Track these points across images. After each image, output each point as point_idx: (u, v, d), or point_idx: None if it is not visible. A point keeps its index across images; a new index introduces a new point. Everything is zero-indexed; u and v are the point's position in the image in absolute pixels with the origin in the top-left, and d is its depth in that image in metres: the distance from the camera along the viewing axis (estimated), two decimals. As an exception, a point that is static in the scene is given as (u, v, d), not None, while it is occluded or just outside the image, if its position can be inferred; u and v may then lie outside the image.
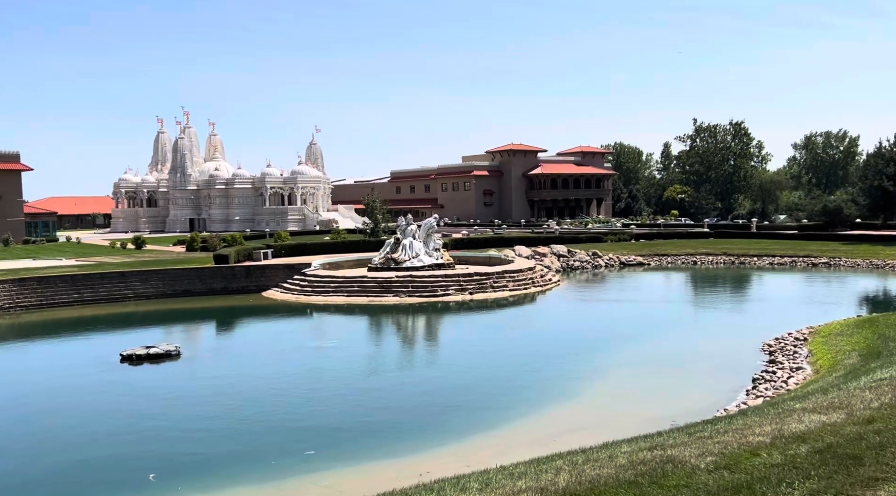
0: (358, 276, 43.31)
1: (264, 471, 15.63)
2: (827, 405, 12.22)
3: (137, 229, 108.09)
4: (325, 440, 17.43)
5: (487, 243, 58.68)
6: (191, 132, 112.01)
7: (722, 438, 10.13)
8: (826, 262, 54.49)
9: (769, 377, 22.32)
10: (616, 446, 10.69)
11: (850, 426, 9.98)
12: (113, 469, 15.94)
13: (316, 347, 28.82)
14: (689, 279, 52.39)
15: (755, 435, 10.09)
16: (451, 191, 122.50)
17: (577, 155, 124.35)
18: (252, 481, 15.19)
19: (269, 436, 17.70)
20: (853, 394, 13.15)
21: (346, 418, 19.09)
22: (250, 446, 17.10)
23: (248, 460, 16.27)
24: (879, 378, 14.77)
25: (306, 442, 17.17)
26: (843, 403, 12.16)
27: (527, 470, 9.46)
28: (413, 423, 18.70)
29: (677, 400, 21.08)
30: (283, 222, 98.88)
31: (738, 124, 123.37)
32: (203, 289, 43.46)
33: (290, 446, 16.97)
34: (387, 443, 17.09)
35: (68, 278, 39.93)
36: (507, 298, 42.12)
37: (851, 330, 24.95)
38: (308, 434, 17.82)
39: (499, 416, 19.63)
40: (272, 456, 16.42)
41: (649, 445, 10.27)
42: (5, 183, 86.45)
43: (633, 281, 51.20)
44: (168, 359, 26.32)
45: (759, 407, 13.50)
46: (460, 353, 28.11)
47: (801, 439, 9.44)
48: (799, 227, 72.03)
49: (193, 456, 16.46)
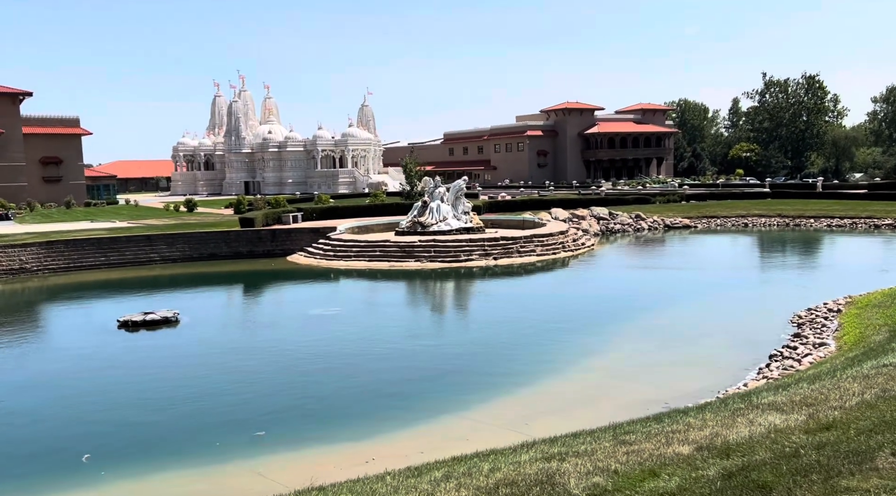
0: (381, 241, 42.17)
1: (205, 453, 14.68)
2: (799, 400, 10.31)
3: (196, 192, 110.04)
4: (283, 419, 16.36)
5: (525, 206, 56.50)
6: (246, 95, 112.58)
7: (640, 446, 8.44)
8: (890, 224, 50.19)
9: (788, 353, 20.15)
10: (520, 451, 9.12)
11: (800, 434, 8.13)
12: (42, 448, 15.23)
13: (317, 315, 27.86)
14: (734, 243, 49.24)
15: (681, 443, 8.36)
16: (504, 152, 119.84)
17: (637, 113, 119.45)
18: (188, 464, 14.25)
19: (225, 413, 16.77)
20: (840, 384, 11.15)
21: (311, 396, 17.95)
22: (200, 423, 16.23)
23: (191, 440, 15.37)
24: (885, 363, 12.62)
25: (260, 421, 16.14)
26: (817, 398, 10.23)
27: (399, 484, 8.05)
28: (376, 404, 17.43)
29: (679, 379, 19.22)
30: (334, 185, 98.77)
31: (812, 77, 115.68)
32: (228, 253, 43.19)
33: (244, 425, 15.97)
34: (340, 426, 15.88)
35: (95, 241, 40.21)
36: (534, 264, 40.32)
37: (891, 301, 22.30)
38: (266, 412, 16.79)
39: (477, 396, 18.18)
40: (220, 435, 15.46)
41: (554, 451, 8.69)
42: (66, 147, 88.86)
43: (674, 245, 48.41)
44: (166, 325, 25.83)
45: (725, 400, 11.64)
46: (463, 323, 26.75)
47: (727, 453, 7.67)
48: (869, 185, 66.98)
49: (130, 437, 15.63)
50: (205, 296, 33.54)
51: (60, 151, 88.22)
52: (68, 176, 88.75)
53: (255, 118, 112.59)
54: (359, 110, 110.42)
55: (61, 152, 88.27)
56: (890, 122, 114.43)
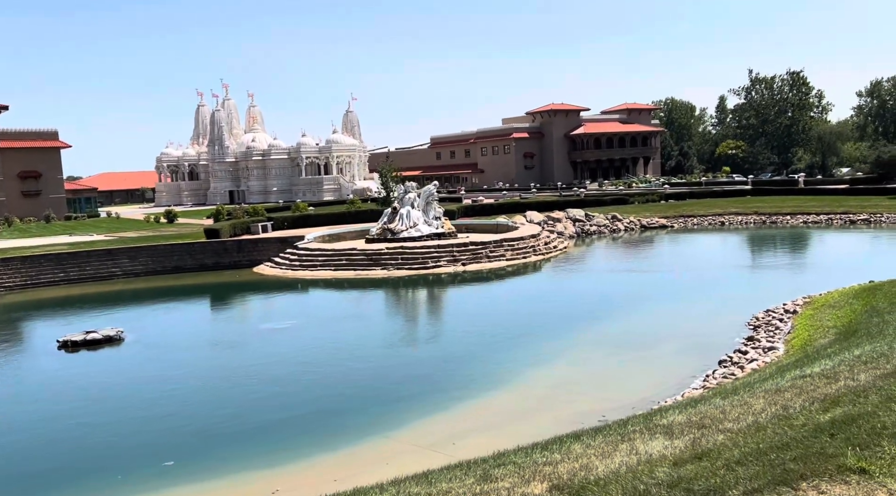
0: (347, 249, 41.43)
1: (105, 487, 13.88)
2: (697, 420, 9.59)
3: (180, 202, 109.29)
4: (195, 446, 15.59)
5: (501, 209, 55.79)
6: (230, 104, 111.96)
7: (500, 484, 7.71)
8: (865, 220, 49.58)
9: (738, 358, 19.48)
10: (385, 489, 8.38)
11: (666, 467, 7.38)
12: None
13: (267, 330, 27.10)
14: (707, 242, 48.55)
15: (542, 479, 7.63)
16: (491, 155, 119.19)
17: (623, 112, 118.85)
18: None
19: (136, 443, 15.92)
20: (748, 400, 10.46)
21: (231, 420, 17.14)
22: (105, 455, 15.42)
23: (94, 472, 14.59)
24: (806, 373, 11.89)
25: (172, 449, 15.36)
26: (716, 418, 9.53)
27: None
28: (298, 427, 16.64)
29: (624, 389, 18.53)
30: (319, 192, 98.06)
31: (796, 74, 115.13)
32: (194, 265, 42.39)
33: (155, 453, 15.16)
34: (252, 453, 15.07)
35: (53, 257, 39.38)
36: (504, 268, 39.58)
37: (847, 300, 21.57)
38: (180, 439, 16.01)
39: (411, 414, 17.41)
40: (124, 467, 14.65)
41: (413, 492, 7.97)
42: (45, 161, 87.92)
43: (646, 246, 47.67)
44: (108, 344, 25.06)
45: (626, 420, 10.88)
46: (413, 336, 25.89)
47: (579, 493, 6.95)
48: (850, 181, 66.26)
49: (21, 470, 14.82)
50: (158, 312, 32.67)
51: (39, 165, 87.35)
52: (48, 190, 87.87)
53: (240, 127, 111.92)
54: (343, 116, 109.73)
55: (40, 166, 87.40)
56: (875, 116, 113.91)
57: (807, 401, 9.58)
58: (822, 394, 9.84)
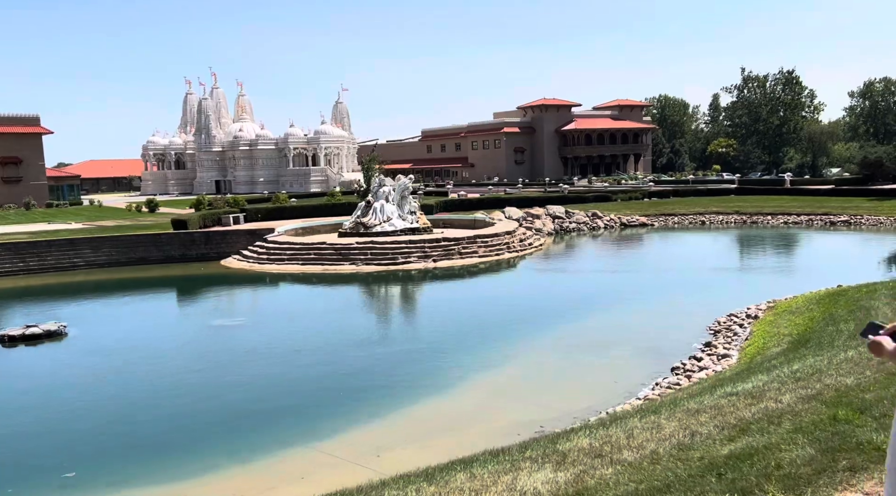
0: (316, 243, 40.53)
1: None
2: (598, 447, 8.74)
3: (167, 191, 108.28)
4: (103, 456, 14.66)
5: (480, 205, 54.86)
6: (218, 93, 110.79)
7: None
8: (846, 221, 48.90)
9: (691, 365, 18.72)
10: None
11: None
12: None
13: (217, 327, 26.22)
14: (684, 242, 47.80)
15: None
16: (481, 149, 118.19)
17: (615, 109, 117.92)
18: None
19: (40, 452, 14.91)
20: (661, 422, 9.57)
21: (147, 426, 16.21)
22: (6, 460, 14.51)
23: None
24: (736, 391, 11.06)
25: (78, 459, 14.43)
26: (616, 445, 8.67)
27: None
28: (218, 434, 15.76)
29: (568, 397, 17.73)
30: (306, 183, 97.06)
31: (789, 73, 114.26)
32: (160, 257, 41.42)
33: (57, 464, 14.16)
34: (162, 463, 14.18)
35: (11, 246, 38.37)
36: (476, 265, 38.73)
37: (808, 306, 20.77)
38: (90, 448, 15.09)
39: (339, 422, 16.50)
40: (21, 477, 13.73)
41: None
42: (25, 146, 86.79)
43: (623, 245, 46.85)
44: (49, 339, 24.16)
45: (527, 444, 10.06)
46: (362, 337, 24.53)
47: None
48: (836, 181, 65.58)
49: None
50: (111, 306, 31.68)
51: (20, 151, 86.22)
52: (28, 176, 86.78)
53: (229, 116, 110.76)
54: (333, 107, 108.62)
55: (21, 152, 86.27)
56: (867, 117, 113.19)
57: (717, 427, 8.75)
58: (737, 419, 9.01)
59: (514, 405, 17.42)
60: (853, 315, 17.95)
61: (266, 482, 13.50)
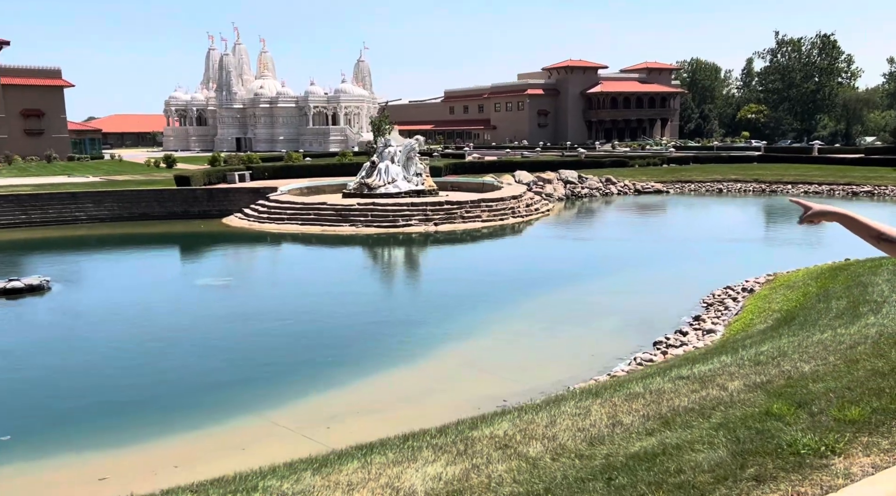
0: (317, 203, 39.85)
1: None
2: (511, 435, 7.91)
3: (188, 147, 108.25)
4: (43, 421, 14.21)
5: (492, 168, 53.63)
6: (241, 49, 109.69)
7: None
8: (868, 192, 46.94)
9: (674, 340, 17.85)
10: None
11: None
12: None
13: (202, 286, 25.76)
14: (697, 209, 46.26)
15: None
16: (504, 111, 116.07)
17: (642, 72, 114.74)
18: None
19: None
20: (593, 407, 8.74)
21: (95, 391, 15.71)
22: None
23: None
24: (687, 374, 10.15)
25: (18, 424, 13.95)
26: (532, 433, 7.86)
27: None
28: (170, 400, 15.28)
29: (539, 369, 16.96)
30: (325, 143, 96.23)
31: (827, 37, 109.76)
32: (162, 213, 41.11)
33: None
34: (101, 429, 13.71)
35: (13, 198, 38.29)
36: (478, 230, 37.83)
37: (806, 280, 19.62)
38: (34, 412, 14.66)
39: (295, 389, 15.92)
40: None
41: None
42: (47, 100, 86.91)
43: (633, 212, 45.40)
44: (31, 293, 23.92)
45: (446, 428, 9.31)
46: (343, 301, 23.74)
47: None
48: (866, 150, 63.01)
49: None
50: (102, 261, 31.38)
51: (42, 104, 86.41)
52: (50, 129, 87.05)
53: (251, 73, 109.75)
54: (355, 66, 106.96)
55: (43, 105, 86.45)
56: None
57: (643, 417, 7.88)
58: (669, 409, 8.14)
59: (481, 377, 16.70)
60: (849, 292, 16.80)
61: (204, 452, 12.99)
